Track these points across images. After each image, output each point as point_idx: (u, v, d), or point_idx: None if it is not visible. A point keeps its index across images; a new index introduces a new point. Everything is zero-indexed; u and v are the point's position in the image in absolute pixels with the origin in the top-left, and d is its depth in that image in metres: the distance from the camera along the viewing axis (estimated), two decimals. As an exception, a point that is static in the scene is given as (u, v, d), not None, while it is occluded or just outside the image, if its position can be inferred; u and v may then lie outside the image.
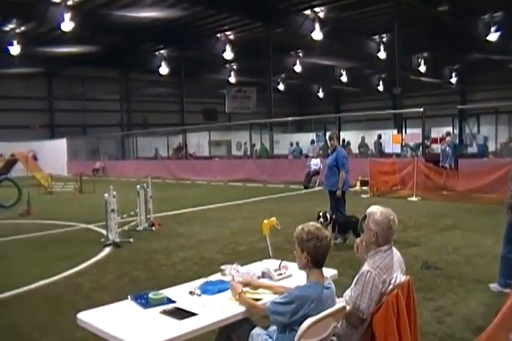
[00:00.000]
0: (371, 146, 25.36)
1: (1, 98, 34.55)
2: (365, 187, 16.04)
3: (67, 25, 23.21)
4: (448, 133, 20.65)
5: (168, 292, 3.35)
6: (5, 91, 34.50)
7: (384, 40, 29.54)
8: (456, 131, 26.79)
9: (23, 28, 27.58)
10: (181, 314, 2.98)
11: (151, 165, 28.31)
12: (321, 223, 7.44)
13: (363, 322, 3.18)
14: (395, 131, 22.14)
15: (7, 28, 27.20)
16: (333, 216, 8.30)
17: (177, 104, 35.37)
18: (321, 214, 8.13)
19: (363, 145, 25.04)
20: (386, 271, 3.17)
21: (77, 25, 23.53)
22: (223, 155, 31.38)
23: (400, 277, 3.25)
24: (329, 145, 9.67)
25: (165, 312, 3.02)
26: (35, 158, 29.70)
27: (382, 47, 29.58)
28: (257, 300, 3.20)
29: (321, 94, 45.95)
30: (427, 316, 4.78)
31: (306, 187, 17.91)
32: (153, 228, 10.34)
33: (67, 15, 23.00)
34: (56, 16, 23.22)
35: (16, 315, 5.39)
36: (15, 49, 27.73)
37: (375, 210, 3.31)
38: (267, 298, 3.24)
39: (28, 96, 35.94)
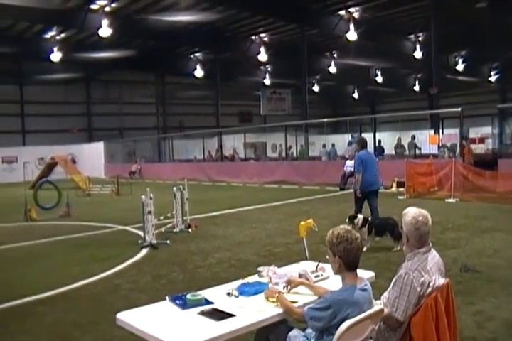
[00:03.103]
0: (407, 147, 25.01)
1: (42, 103, 35.57)
2: (401, 189, 15.86)
3: (105, 31, 23.73)
4: None
5: (205, 293, 3.38)
6: (46, 97, 35.54)
7: (420, 39, 29.18)
8: (496, 131, 26.23)
9: (62, 35, 28.41)
10: (219, 315, 3.00)
11: (187, 167, 28.55)
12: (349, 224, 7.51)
13: (401, 325, 3.15)
14: (432, 132, 21.80)
15: (48, 36, 28.03)
16: (369, 218, 8.24)
17: (212, 106, 35.61)
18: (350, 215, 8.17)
19: (399, 146, 24.71)
20: (425, 274, 3.13)
21: (114, 31, 24.02)
22: (259, 157, 31.41)
23: (438, 280, 3.20)
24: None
25: (203, 313, 3.04)
26: (73, 161, 30.40)
27: (418, 47, 29.22)
28: (295, 302, 3.20)
29: (356, 95, 45.61)
30: (467, 320, 4.67)
31: (341, 189, 17.78)
32: (190, 230, 10.43)
33: (105, 22, 23.54)
34: (94, 23, 23.80)
35: (58, 313, 5.52)
36: (55, 56, 28.56)
37: (407, 211, 3.31)
38: (304, 300, 3.23)
39: (67, 101, 36.84)
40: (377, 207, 9.37)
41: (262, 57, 29.90)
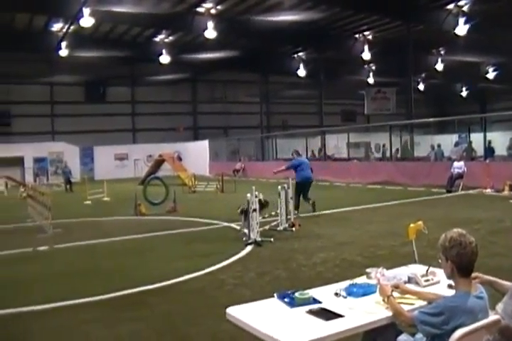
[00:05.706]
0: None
1: (151, 103, 37.33)
2: (515, 192, 15.00)
3: (211, 32, 24.43)
4: None
5: (313, 292, 3.38)
6: (154, 97, 37.28)
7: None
8: None
9: (171, 38, 29.67)
10: (327, 315, 2.98)
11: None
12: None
13: (521, 338, 2.98)
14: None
15: (157, 39, 29.41)
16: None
17: (315, 105, 35.55)
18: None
19: None
20: (548, 284, 2.95)
21: (219, 32, 24.66)
22: (362, 157, 30.91)
23: None
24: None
25: (311, 312, 3.04)
26: (179, 158, 31.46)
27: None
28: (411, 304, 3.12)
29: (464, 93, 43.66)
30: None
31: (448, 191, 17.08)
32: (293, 228, 10.48)
33: (210, 24, 24.24)
34: (200, 25, 24.63)
35: (167, 304, 5.78)
36: (164, 58, 29.88)
37: None
38: (416, 304, 3.15)
39: (174, 101, 38.38)
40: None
41: (366, 55, 29.44)
